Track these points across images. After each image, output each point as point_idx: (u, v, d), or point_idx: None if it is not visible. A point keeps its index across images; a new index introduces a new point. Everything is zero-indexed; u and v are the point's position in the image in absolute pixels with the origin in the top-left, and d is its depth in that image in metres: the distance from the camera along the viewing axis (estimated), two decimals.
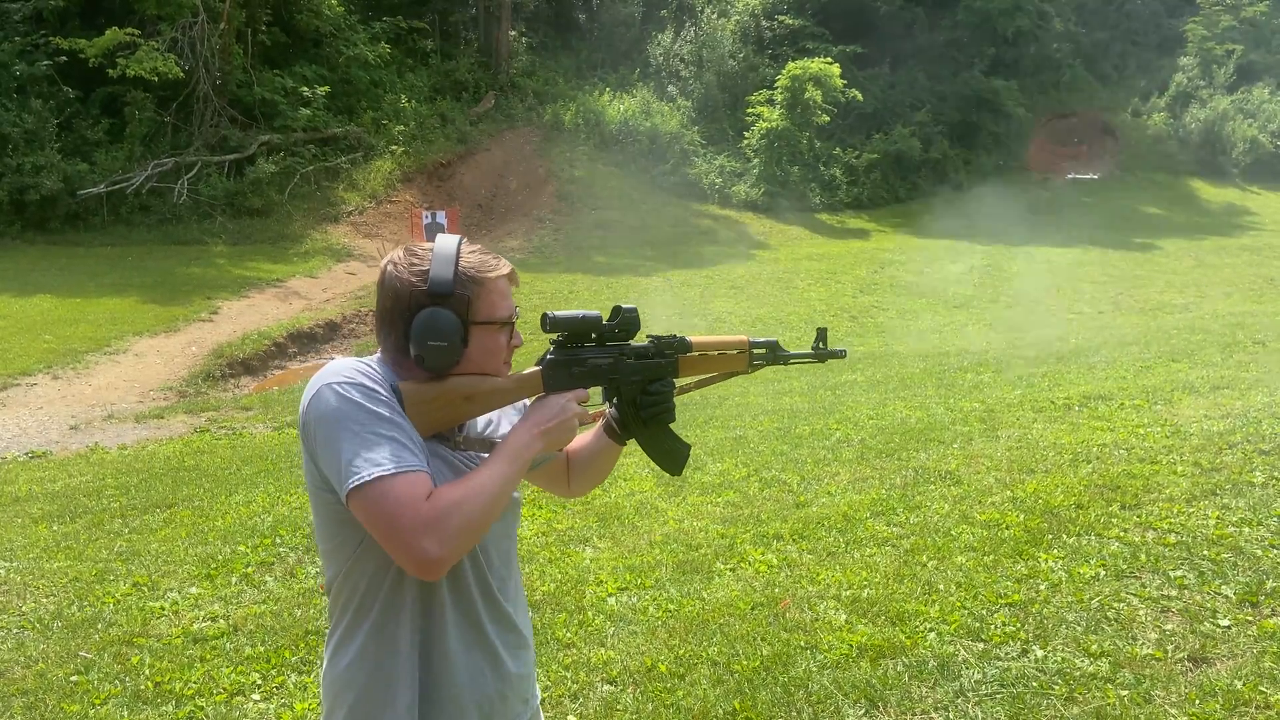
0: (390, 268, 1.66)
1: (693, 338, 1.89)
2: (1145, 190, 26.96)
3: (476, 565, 1.72)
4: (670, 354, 1.87)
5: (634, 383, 1.84)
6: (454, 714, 1.69)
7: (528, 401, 1.90)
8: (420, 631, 1.67)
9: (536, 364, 1.78)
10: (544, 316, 1.74)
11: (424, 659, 1.67)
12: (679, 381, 1.92)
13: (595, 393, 1.84)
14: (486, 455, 1.71)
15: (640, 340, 1.88)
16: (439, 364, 1.63)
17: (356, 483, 1.49)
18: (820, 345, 2.03)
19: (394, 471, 1.50)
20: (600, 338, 1.82)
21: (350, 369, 1.60)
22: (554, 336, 1.81)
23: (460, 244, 1.67)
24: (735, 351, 1.93)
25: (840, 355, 2.08)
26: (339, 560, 1.67)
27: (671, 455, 1.93)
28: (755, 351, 1.94)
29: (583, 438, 1.96)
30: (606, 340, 1.82)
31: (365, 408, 1.54)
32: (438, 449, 1.70)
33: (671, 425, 1.91)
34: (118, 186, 18.82)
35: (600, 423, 1.92)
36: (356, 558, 1.64)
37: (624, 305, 1.83)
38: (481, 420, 1.81)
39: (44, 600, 4.69)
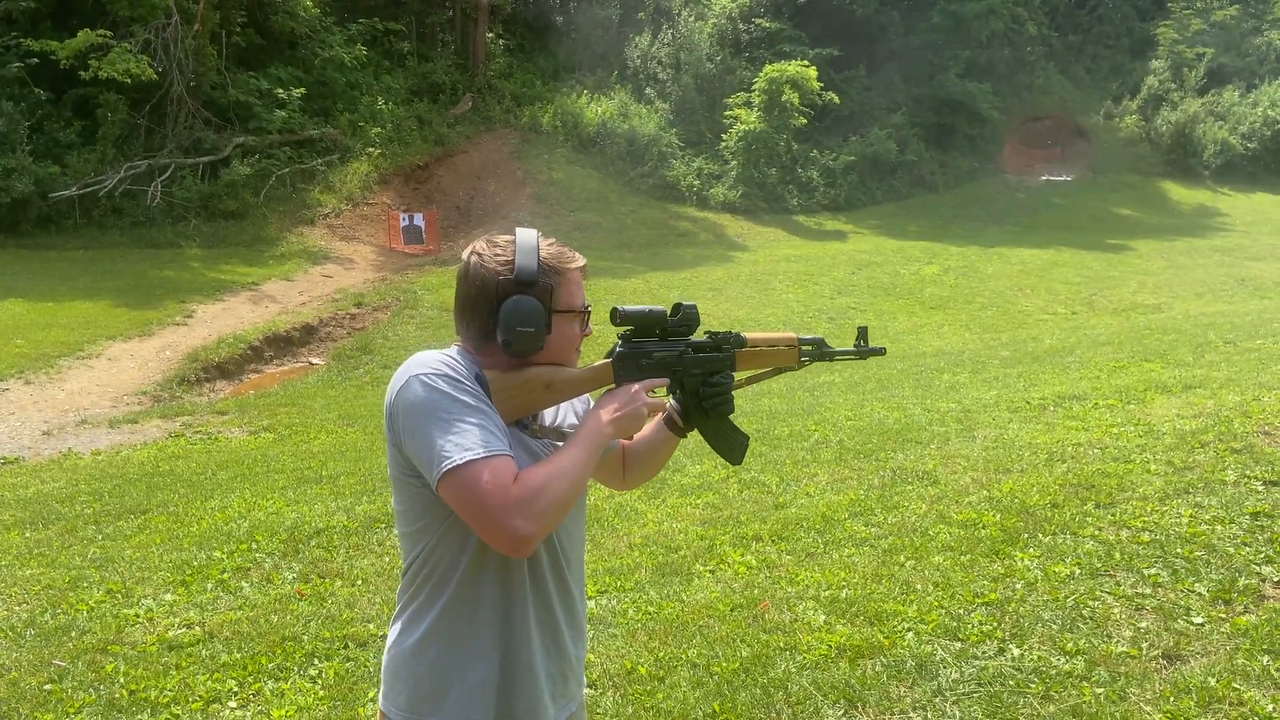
0: (474, 258, 1.73)
1: (747, 334, 1.98)
2: (1117, 192, 27.25)
3: (550, 548, 1.80)
4: (728, 348, 1.95)
5: (696, 375, 1.92)
6: (532, 690, 1.77)
7: (589, 398, 2.00)
8: (499, 609, 1.73)
9: (606, 356, 1.87)
10: (614, 311, 1.83)
11: (504, 637, 1.74)
12: (736, 375, 2.00)
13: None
14: (561, 443, 1.79)
15: (699, 336, 1.95)
16: (525, 349, 1.70)
17: (449, 467, 1.56)
18: (861, 343, 2.16)
19: (483, 455, 1.57)
20: (665, 332, 1.89)
21: (436, 361, 1.66)
22: (621, 331, 1.89)
23: (539, 236, 1.75)
24: (785, 347, 2.02)
25: (880, 352, 2.21)
26: (421, 542, 1.73)
27: (732, 445, 2.01)
28: (804, 348, 2.04)
29: (642, 430, 2.02)
30: (670, 335, 1.90)
31: (452, 396, 1.61)
32: (518, 435, 1.77)
33: (731, 417, 1.98)
34: (90, 189, 18.61)
35: (661, 415, 1.98)
36: (438, 539, 1.71)
37: (684, 303, 1.90)
38: (549, 411, 1.89)
39: (16, 608, 4.63)
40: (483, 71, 25.89)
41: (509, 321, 1.67)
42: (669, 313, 1.90)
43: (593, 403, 1.97)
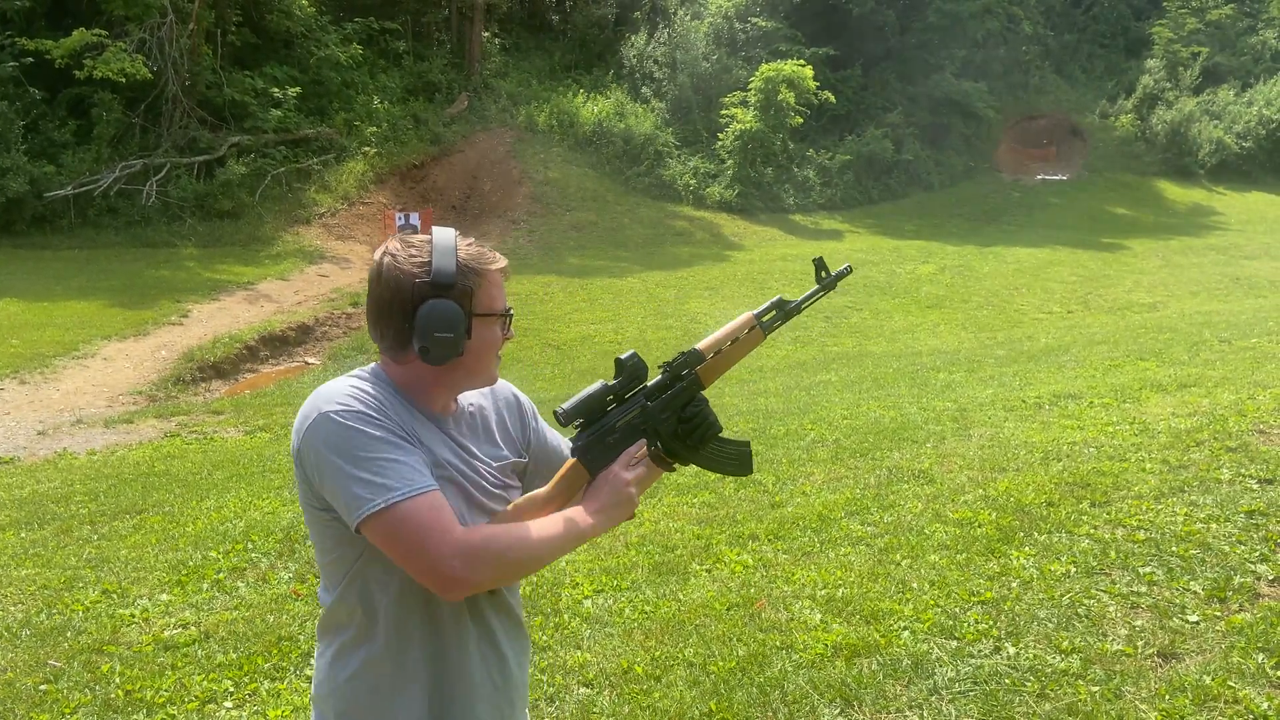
0: (387, 259, 1.62)
1: (701, 344, 1.86)
2: (1113, 191, 27.28)
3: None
4: (688, 373, 1.84)
5: (667, 419, 1.82)
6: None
7: (525, 403, 1.92)
8: (431, 647, 1.66)
9: (570, 454, 1.76)
10: (556, 414, 1.73)
11: (437, 676, 1.67)
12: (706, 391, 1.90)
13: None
14: (517, 483, 1.74)
15: (654, 375, 1.85)
16: (444, 356, 1.60)
17: (371, 510, 1.49)
18: (824, 274, 2.00)
19: (407, 495, 1.50)
20: (617, 398, 1.78)
21: (344, 394, 1.57)
22: (574, 426, 1.77)
23: (456, 236, 1.66)
24: (746, 333, 1.89)
25: (846, 273, 2.03)
26: (338, 573, 1.66)
27: (736, 459, 1.93)
28: (764, 320, 1.91)
29: None
30: (624, 396, 1.79)
31: (366, 433, 1.53)
32: (447, 443, 1.69)
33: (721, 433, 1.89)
34: (85, 189, 18.57)
35: (647, 460, 1.85)
36: (357, 570, 1.64)
37: (622, 356, 1.79)
38: (465, 405, 1.78)
39: (12, 608, 4.62)
40: (479, 70, 25.86)
41: (426, 327, 1.57)
42: (615, 374, 1.78)
43: (527, 408, 1.92)
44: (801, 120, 24.30)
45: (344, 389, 1.59)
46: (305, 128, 21.82)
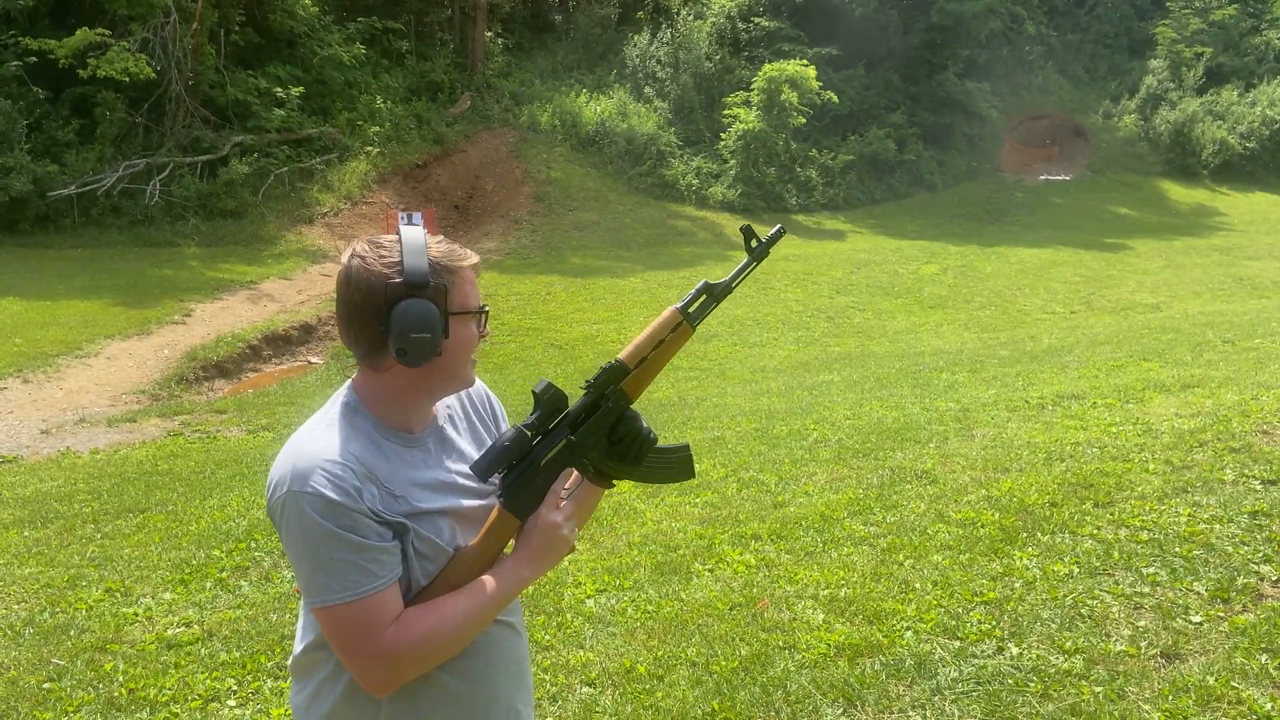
0: (356, 261, 1.57)
1: (623, 354, 1.73)
2: (1116, 191, 27.25)
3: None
4: (612, 389, 1.72)
5: (595, 443, 1.72)
6: None
7: (487, 391, 1.87)
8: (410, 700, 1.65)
9: (496, 500, 1.68)
10: (473, 468, 1.65)
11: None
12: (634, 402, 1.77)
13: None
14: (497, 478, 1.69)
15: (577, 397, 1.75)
16: (422, 357, 1.55)
17: (316, 604, 1.52)
18: (755, 242, 1.82)
19: (348, 600, 1.50)
20: (539, 432, 1.69)
21: (318, 477, 1.51)
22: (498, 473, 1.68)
23: (426, 234, 1.62)
24: (672, 332, 1.74)
25: (778, 236, 1.85)
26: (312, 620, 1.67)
27: (678, 465, 1.84)
28: (691, 312, 1.76)
29: None
30: (547, 429, 1.70)
31: (327, 530, 1.49)
32: (417, 458, 1.66)
33: (658, 443, 1.79)
34: (88, 188, 18.60)
35: (581, 483, 1.77)
36: None
37: (535, 388, 1.68)
38: (442, 412, 1.76)
39: (15, 607, 4.63)
40: (481, 70, 25.88)
41: (403, 329, 1.52)
42: (534, 409, 1.68)
43: (498, 408, 1.88)
44: (804, 120, 24.29)
45: (318, 460, 1.53)
46: (308, 127, 21.85)
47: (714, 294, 1.78)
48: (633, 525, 5.35)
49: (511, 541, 1.70)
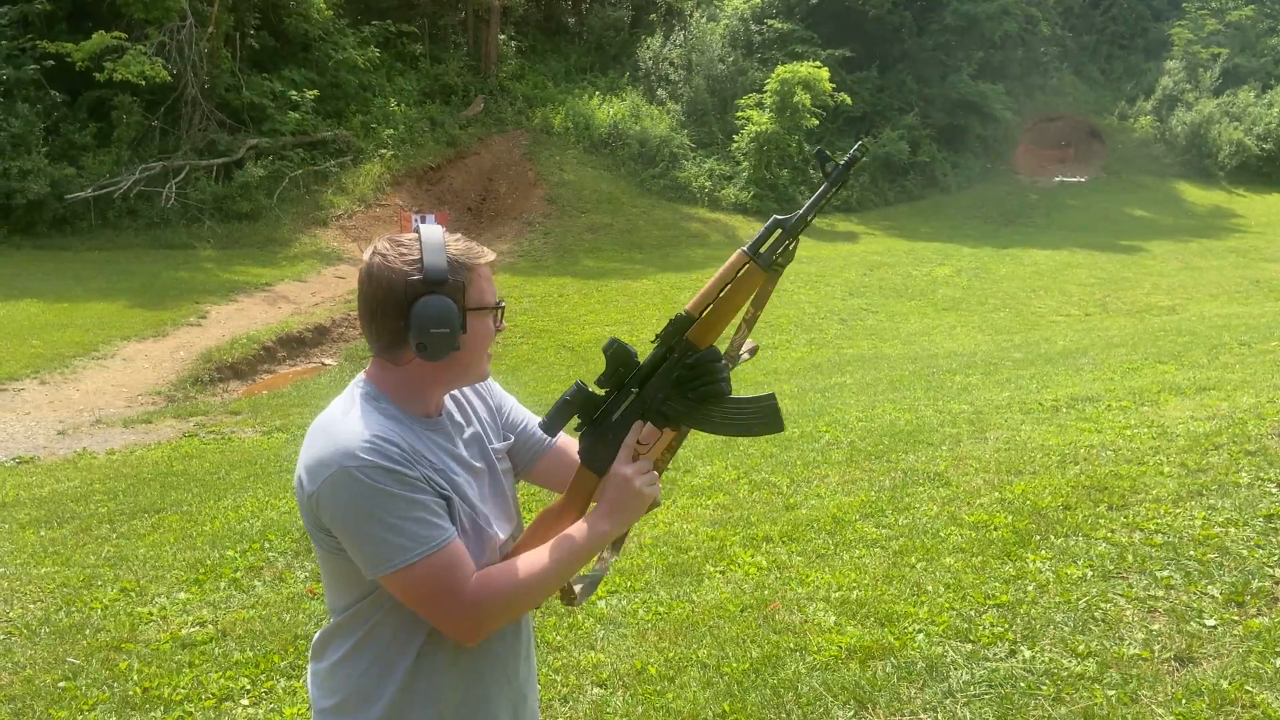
0: (378, 259, 1.61)
1: (689, 303, 1.68)
2: (1132, 193, 27.12)
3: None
4: (677, 340, 1.68)
5: (664, 393, 1.69)
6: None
7: (499, 391, 1.91)
8: (460, 692, 1.69)
9: (578, 459, 1.72)
10: (541, 425, 1.70)
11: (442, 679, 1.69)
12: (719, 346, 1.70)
13: None
14: (509, 464, 1.75)
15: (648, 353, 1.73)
16: (441, 351, 1.58)
17: (396, 566, 1.53)
18: (832, 166, 1.67)
19: (426, 554, 1.53)
20: (609, 390, 1.71)
21: (365, 446, 1.54)
22: (572, 427, 1.71)
23: (444, 232, 1.65)
24: (740, 273, 1.67)
25: (859, 156, 1.67)
26: (350, 605, 1.68)
27: (760, 415, 1.72)
28: (763, 252, 1.66)
29: None
30: (620, 385, 1.70)
31: (389, 493, 1.52)
32: (452, 451, 1.70)
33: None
34: (105, 191, 18.73)
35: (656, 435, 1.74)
36: (378, 614, 1.65)
37: (604, 347, 1.69)
38: (448, 399, 1.78)
39: (31, 606, 4.67)
40: (495, 73, 25.94)
41: (423, 324, 1.56)
42: (605, 368, 1.68)
43: (495, 390, 1.91)
44: (817, 122, 24.25)
45: (361, 435, 1.55)
46: (322, 130, 21.96)
47: (787, 228, 1.67)
48: (644, 526, 5.35)
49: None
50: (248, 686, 3.73)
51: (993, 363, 10.41)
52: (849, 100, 24.87)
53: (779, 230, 1.67)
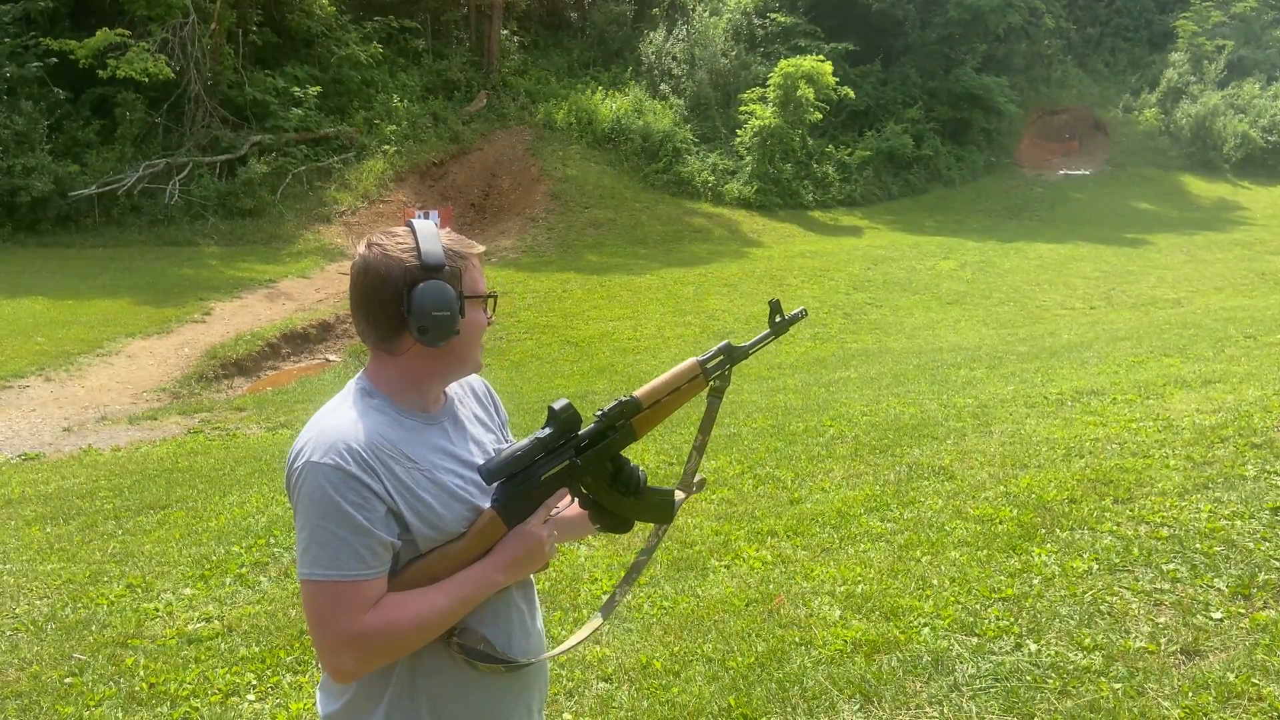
0: (375, 249, 1.62)
1: (640, 391, 1.80)
2: (1137, 186, 27.04)
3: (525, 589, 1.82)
4: (622, 423, 1.78)
5: (595, 471, 1.77)
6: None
7: (486, 384, 1.93)
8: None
9: (490, 505, 1.69)
10: (481, 470, 1.67)
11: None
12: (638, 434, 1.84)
13: None
14: (504, 448, 1.74)
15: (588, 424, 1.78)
16: (442, 334, 1.60)
17: (303, 574, 1.56)
18: (779, 318, 1.92)
19: (334, 579, 1.53)
20: (547, 449, 1.71)
21: (339, 449, 1.55)
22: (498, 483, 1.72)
23: (435, 224, 1.68)
24: (688, 383, 1.83)
25: (800, 316, 1.97)
26: None
27: (662, 507, 1.89)
28: (709, 367, 1.85)
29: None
30: (553, 448, 1.72)
31: (335, 503, 1.53)
32: (440, 445, 1.69)
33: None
34: (109, 188, 18.77)
35: (579, 515, 1.86)
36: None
37: (554, 405, 1.72)
38: (454, 400, 1.79)
39: (38, 602, 4.68)
40: (497, 68, 25.92)
41: (424, 307, 1.57)
42: (546, 423, 1.72)
43: (498, 400, 1.92)
44: (821, 116, 24.19)
45: (338, 435, 1.57)
46: (326, 126, 21.96)
47: (732, 356, 1.87)
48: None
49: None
50: (254, 682, 3.74)
51: (997, 357, 10.39)
52: (852, 94, 24.82)
53: (725, 355, 1.86)
